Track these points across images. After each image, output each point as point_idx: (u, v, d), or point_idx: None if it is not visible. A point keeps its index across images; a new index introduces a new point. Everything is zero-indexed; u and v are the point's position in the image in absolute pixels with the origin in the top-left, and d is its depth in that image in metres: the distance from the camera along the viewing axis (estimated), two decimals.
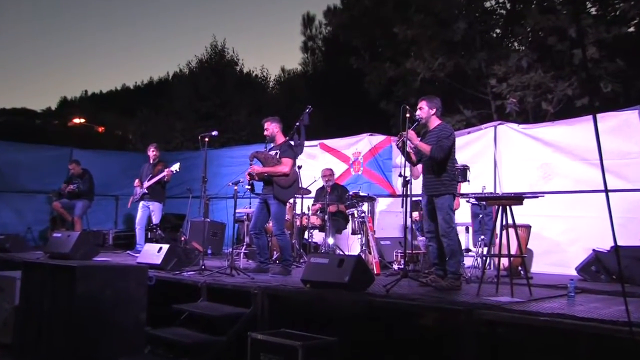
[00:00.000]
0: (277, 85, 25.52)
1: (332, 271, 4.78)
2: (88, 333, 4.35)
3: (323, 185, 8.25)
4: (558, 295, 4.68)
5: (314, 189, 8.33)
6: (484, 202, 6.12)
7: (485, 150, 7.85)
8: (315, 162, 9.49)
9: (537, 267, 6.95)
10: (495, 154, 7.74)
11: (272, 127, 6.43)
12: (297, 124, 6.45)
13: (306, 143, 8.26)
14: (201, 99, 18.66)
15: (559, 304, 4.18)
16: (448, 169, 5.14)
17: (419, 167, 5.46)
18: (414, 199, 6.07)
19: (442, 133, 5.12)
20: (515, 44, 13.37)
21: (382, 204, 8.71)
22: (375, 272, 6.24)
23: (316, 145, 9.66)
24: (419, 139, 5.21)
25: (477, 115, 12.79)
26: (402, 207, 5.21)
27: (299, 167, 6.87)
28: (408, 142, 5.14)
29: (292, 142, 6.43)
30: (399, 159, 6.59)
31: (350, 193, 7.47)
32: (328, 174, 8.25)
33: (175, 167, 8.24)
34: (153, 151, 8.73)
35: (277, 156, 6.26)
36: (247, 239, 7.94)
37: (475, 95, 13.05)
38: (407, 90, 13.61)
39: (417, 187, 5.62)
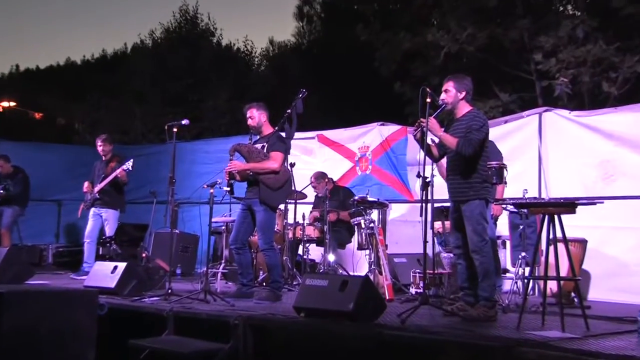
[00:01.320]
0: (264, 62, 25.63)
1: (332, 296, 4.78)
2: None
3: None
4: (625, 330, 4.63)
5: (310, 193, 8.32)
6: (526, 210, 6.09)
7: (528, 144, 7.86)
8: (313, 159, 9.49)
9: (596, 293, 6.94)
10: (540, 149, 7.74)
11: (258, 115, 6.41)
12: (289, 111, 6.43)
13: (302, 135, 8.30)
14: (168, 78, 18.70)
15: (626, 342, 4.15)
16: (479, 169, 5.12)
17: (444, 161, 5.44)
18: (436, 205, 6.06)
19: (472, 123, 5.10)
20: (569, 7, 13.37)
21: (395, 211, 8.73)
22: (388, 298, 6.26)
23: (313, 138, 9.66)
24: (443, 129, 5.20)
25: (518, 99, 12.84)
26: (421, 215, 5.18)
27: (292, 165, 6.86)
28: (428, 132, 5.13)
29: (282, 134, 6.41)
30: (418, 154, 6.56)
31: (356, 198, 7.44)
32: (317, 184, 8.02)
33: (128, 164, 8.21)
34: (101, 145, 8.70)
35: (265, 150, 6.25)
36: (226, 255, 7.93)
37: (515, 75, 13.10)
38: (427, 69, 13.63)
39: (440, 190, 5.59)
